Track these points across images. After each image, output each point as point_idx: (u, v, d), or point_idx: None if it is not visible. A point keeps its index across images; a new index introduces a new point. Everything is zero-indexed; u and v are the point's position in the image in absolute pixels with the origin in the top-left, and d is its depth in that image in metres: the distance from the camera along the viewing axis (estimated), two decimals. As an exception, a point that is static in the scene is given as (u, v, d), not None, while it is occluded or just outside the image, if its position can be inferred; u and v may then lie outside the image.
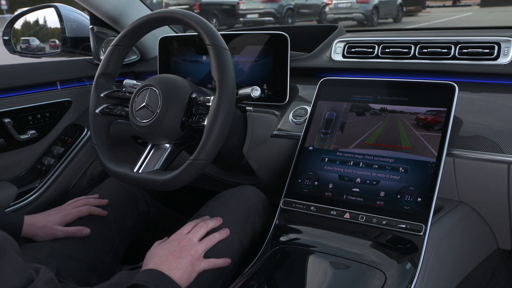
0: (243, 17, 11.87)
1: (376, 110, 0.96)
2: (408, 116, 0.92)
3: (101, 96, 1.07)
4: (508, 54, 0.98)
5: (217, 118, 0.88)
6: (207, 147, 0.89)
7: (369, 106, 0.97)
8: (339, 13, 12.28)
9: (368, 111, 0.97)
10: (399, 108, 0.94)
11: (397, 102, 0.95)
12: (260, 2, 11.69)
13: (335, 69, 1.17)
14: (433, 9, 16.32)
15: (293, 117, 1.10)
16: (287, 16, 11.74)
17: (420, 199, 0.84)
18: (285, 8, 11.69)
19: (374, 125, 0.95)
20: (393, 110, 0.94)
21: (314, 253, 0.86)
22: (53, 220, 1.03)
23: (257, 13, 11.67)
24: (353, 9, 11.95)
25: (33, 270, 0.65)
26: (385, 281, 0.77)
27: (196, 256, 0.85)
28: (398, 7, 12.83)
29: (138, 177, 0.97)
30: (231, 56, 0.93)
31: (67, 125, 1.44)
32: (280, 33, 1.12)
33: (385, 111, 0.95)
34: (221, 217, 0.96)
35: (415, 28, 1.63)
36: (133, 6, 1.45)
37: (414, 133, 0.90)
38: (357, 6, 11.87)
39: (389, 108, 0.95)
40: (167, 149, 1.00)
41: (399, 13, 12.90)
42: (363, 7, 11.84)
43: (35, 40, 1.57)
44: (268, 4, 11.62)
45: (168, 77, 1.01)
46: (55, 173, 1.38)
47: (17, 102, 1.31)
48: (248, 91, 0.99)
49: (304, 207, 0.93)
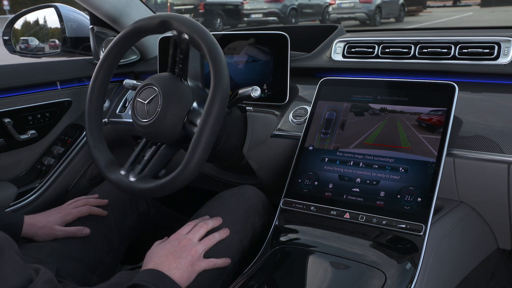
0: (247, 17, 11.96)
1: (376, 110, 0.96)
2: (408, 116, 0.92)
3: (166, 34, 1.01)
4: (508, 54, 0.98)
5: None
6: (186, 172, 0.88)
7: (369, 106, 0.97)
8: (342, 12, 12.36)
9: (368, 111, 0.97)
10: (399, 108, 0.94)
11: (397, 102, 0.95)
12: (264, 2, 11.77)
13: (335, 69, 1.17)
14: (434, 9, 16.35)
15: (293, 117, 1.10)
16: (290, 16, 11.81)
17: (420, 199, 0.84)
18: (289, 8, 11.77)
19: (374, 125, 0.95)
20: (393, 110, 0.94)
21: (314, 253, 0.86)
22: (53, 220, 1.03)
23: (261, 13, 11.77)
24: (356, 9, 12.02)
25: (33, 270, 0.65)
26: (385, 281, 0.77)
27: (196, 256, 0.85)
28: (400, 7, 12.95)
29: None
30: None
31: (67, 125, 1.44)
32: (280, 33, 1.12)
33: (385, 111, 0.95)
34: (221, 217, 0.96)
35: (415, 28, 1.63)
36: (133, 6, 1.45)
37: (414, 133, 0.90)
38: (360, 6, 11.96)
39: (389, 108, 0.95)
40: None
41: (401, 13, 12.99)
42: (366, 7, 11.91)
43: (34, 40, 1.57)
44: (272, 4, 11.70)
45: (168, 76, 1.00)
46: (55, 173, 1.38)
47: (17, 102, 1.31)
48: (248, 91, 0.99)
49: (304, 207, 0.93)
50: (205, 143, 0.87)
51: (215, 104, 0.87)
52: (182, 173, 0.88)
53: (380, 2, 12.15)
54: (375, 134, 0.94)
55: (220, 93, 0.88)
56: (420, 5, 15.32)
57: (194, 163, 0.87)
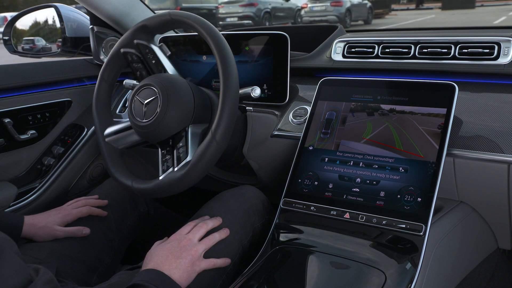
0: (222, 20, 12.34)
1: (376, 110, 0.96)
2: (408, 116, 0.92)
3: (133, 42, 1.04)
4: (508, 54, 0.98)
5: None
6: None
7: (369, 106, 0.97)
8: (314, 15, 12.99)
9: (368, 111, 0.97)
10: (399, 108, 0.94)
11: (397, 102, 0.95)
12: (239, 6, 12.21)
13: (335, 69, 1.17)
14: (399, 12, 17.75)
15: (293, 117, 1.10)
16: (264, 19, 12.27)
17: (420, 199, 0.84)
18: (263, 11, 12.27)
19: (374, 125, 0.95)
20: (393, 110, 0.94)
21: (314, 253, 0.86)
22: (53, 221, 1.03)
23: (236, 17, 12.23)
24: (327, 12, 12.71)
25: (33, 270, 0.65)
26: (385, 281, 0.77)
27: (196, 256, 0.85)
28: (368, 10, 13.86)
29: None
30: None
31: (67, 125, 1.44)
32: (280, 33, 1.12)
33: (385, 111, 0.95)
34: (221, 217, 0.96)
35: (415, 28, 1.62)
36: (134, 6, 1.45)
37: (414, 133, 0.90)
38: (331, 9, 12.65)
39: (389, 108, 0.95)
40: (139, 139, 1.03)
41: (369, 15, 13.79)
42: (336, 10, 12.61)
43: (40, 40, 1.56)
44: (246, 8, 12.12)
45: (168, 77, 1.00)
46: (55, 173, 1.38)
47: (17, 102, 1.31)
48: (248, 91, 0.99)
49: (304, 207, 0.93)
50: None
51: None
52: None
53: (350, 5, 12.81)
54: (375, 134, 0.94)
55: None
56: (386, 8, 16.52)
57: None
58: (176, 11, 1.00)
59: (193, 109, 0.98)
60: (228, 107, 0.89)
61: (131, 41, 1.05)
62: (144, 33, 1.04)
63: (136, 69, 1.07)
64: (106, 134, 1.04)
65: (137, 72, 1.07)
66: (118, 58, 1.07)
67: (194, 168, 0.90)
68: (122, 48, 1.05)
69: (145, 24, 1.03)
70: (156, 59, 1.05)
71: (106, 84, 1.08)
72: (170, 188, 0.93)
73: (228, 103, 0.89)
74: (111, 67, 1.08)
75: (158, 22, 1.01)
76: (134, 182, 0.98)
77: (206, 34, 0.94)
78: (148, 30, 1.03)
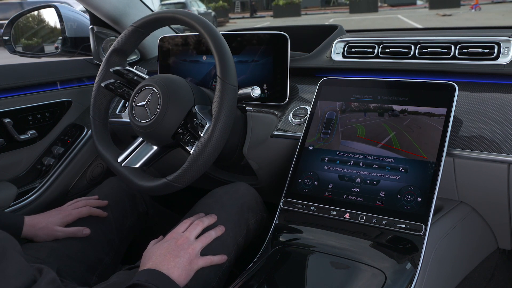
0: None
1: (376, 110, 0.96)
2: (408, 116, 0.92)
3: (110, 71, 1.07)
4: (508, 54, 0.98)
5: (204, 151, 0.89)
6: (188, 175, 0.90)
7: (369, 106, 0.97)
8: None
9: (368, 111, 0.97)
10: (399, 108, 0.94)
11: (397, 102, 0.95)
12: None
13: (335, 69, 1.17)
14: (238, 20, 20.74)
15: (293, 117, 1.09)
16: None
17: (420, 199, 0.84)
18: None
19: (374, 125, 0.95)
20: (393, 110, 0.94)
21: (314, 253, 0.86)
22: (53, 221, 1.03)
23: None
24: None
25: (36, 270, 0.65)
26: (385, 281, 0.77)
27: (193, 254, 0.85)
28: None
29: (119, 169, 1.01)
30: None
31: (67, 125, 1.44)
32: (280, 33, 1.12)
33: (385, 111, 0.95)
34: (215, 214, 0.96)
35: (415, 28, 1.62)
36: (133, 6, 1.45)
37: (414, 133, 0.90)
38: None
39: (389, 108, 0.95)
40: (154, 150, 1.02)
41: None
42: None
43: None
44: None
45: (168, 77, 1.00)
46: (55, 173, 1.38)
47: (17, 102, 1.31)
48: (248, 91, 0.99)
49: (304, 207, 0.93)
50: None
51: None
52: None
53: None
54: (375, 134, 0.94)
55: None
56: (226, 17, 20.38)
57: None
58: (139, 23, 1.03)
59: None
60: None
61: (107, 72, 1.07)
62: (117, 56, 1.07)
63: (122, 93, 1.08)
64: (120, 160, 1.03)
65: (125, 95, 1.08)
66: (101, 93, 1.08)
67: (215, 129, 0.89)
68: (102, 82, 1.07)
69: (114, 48, 1.06)
70: (136, 75, 1.07)
71: (100, 122, 1.09)
72: (208, 151, 0.90)
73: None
74: (99, 104, 1.09)
75: (124, 40, 1.05)
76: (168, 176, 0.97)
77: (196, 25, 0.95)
78: (120, 52, 1.06)
